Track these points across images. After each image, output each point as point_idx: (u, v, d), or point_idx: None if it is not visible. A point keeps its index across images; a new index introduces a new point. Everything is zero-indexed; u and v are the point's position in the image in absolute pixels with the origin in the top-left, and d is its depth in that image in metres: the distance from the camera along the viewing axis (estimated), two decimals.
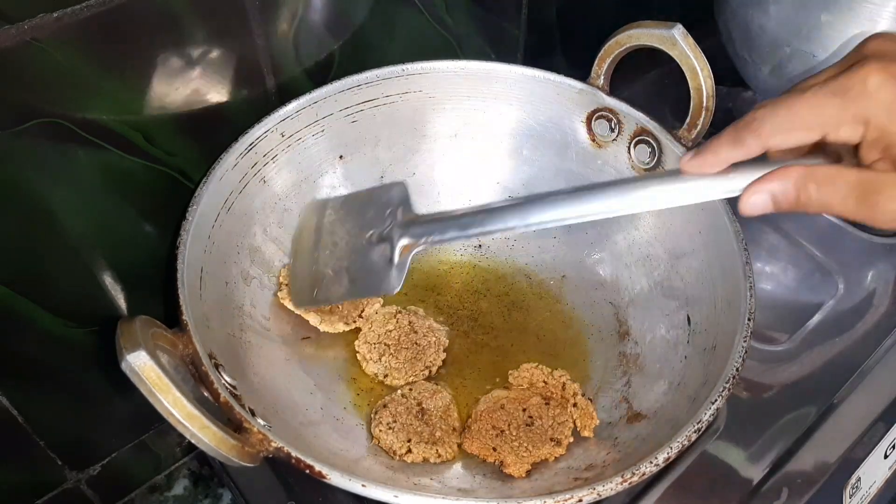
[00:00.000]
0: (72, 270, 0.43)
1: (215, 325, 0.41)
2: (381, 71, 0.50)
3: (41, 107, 0.36)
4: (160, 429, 0.55)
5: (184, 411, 0.31)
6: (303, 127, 0.49)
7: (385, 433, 0.43)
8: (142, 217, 0.45)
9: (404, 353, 0.47)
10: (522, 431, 0.44)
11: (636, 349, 0.49)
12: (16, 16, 0.33)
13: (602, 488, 0.33)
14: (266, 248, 0.48)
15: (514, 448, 0.43)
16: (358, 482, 0.32)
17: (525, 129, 0.54)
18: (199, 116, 0.44)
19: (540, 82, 0.52)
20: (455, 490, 0.41)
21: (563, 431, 0.44)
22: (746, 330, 0.39)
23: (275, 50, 0.45)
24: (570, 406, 0.45)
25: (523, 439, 0.43)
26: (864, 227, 0.60)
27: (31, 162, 0.37)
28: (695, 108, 0.48)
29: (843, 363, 0.51)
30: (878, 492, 0.50)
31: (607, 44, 0.50)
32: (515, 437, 0.43)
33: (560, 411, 0.45)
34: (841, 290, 0.56)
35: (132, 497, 0.57)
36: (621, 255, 0.52)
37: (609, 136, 0.52)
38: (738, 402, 0.49)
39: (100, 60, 0.37)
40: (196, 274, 0.40)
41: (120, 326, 0.32)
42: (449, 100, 0.53)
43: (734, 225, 0.44)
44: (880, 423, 0.49)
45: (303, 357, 0.47)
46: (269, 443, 0.33)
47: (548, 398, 0.46)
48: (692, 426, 0.35)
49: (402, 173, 0.54)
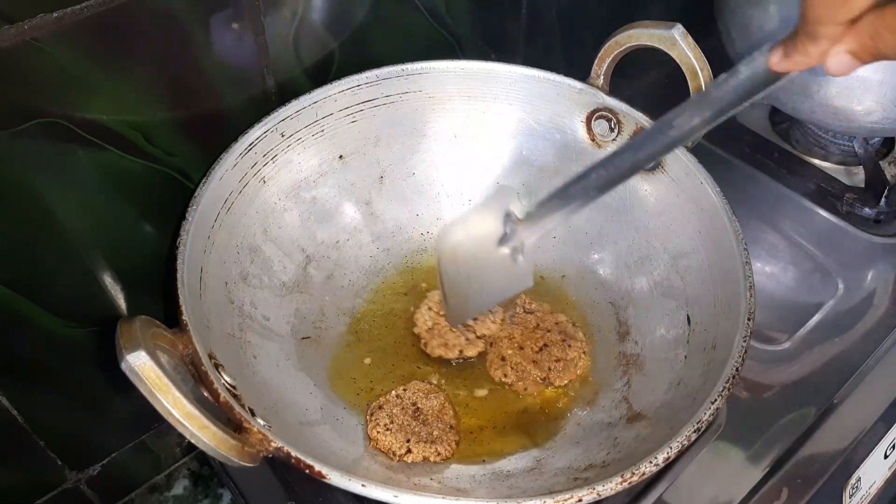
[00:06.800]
0: (72, 270, 0.43)
1: (215, 325, 0.41)
2: (381, 71, 0.50)
3: (41, 107, 0.36)
4: (160, 429, 0.55)
5: (183, 411, 0.31)
6: (303, 127, 0.49)
7: (383, 435, 0.43)
8: (142, 217, 0.45)
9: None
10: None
11: (636, 349, 0.49)
12: (16, 16, 0.33)
13: (602, 488, 0.33)
14: (266, 248, 0.48)
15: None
16: (358, 482, 0.32)
17: (525, 129, 0.54)
18: (199, 116, 0.44)
19: (540, 82, 0.52)
20: (455, 490, 0.41)
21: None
22: (746, 330, 0.39)
23: (275, 50, 0.45)
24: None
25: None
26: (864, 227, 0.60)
27: (31, 162, 0.37)
28: None
29: (843, 363, 0.51)
30: (878, 492, 0.50)
31: (607, 44, 0.50)
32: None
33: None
34: (841, 290, 0.56)
35: (132, 497, 0.57)
36: (621, 255, 0.52)
37: (609, 136, 0.52)
38: (738, 402, 0.49)
39: (100, 60, 0.37)
40: (196, 274, 0.40)
41: (120, 326, 0.32)
42: (449, 100, 0.53)
43: (734, 225, 0.44)
44: (880, 423, 0.49)
45: (303, 357, 0.47)
46: (269, 443, 0.33)
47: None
48: (692, 426, 0.35)
49: (402, 173, 0.54)
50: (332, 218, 0.52)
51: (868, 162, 0.62)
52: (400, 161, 0.54)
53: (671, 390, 0.43)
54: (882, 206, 0.61)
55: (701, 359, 0.42)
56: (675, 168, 0.48)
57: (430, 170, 0.55)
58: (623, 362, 0.48)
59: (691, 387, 0.41)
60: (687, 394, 0.41)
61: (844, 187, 0.62)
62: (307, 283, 0.50)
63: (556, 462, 0.43)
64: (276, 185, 0.49)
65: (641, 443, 0.40)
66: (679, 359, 0.45)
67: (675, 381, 0.43)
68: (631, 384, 0.47)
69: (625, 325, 0.50)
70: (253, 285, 0.47)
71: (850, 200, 0.61)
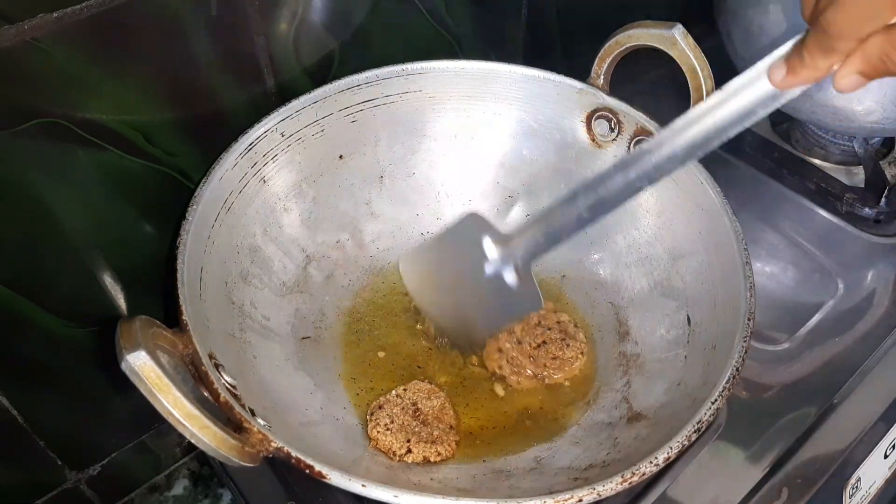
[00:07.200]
0: (72, 270, 0.43)
1: (215, 325, 0.41)
2: (381, 71, 0.50)
3: (41, 107, 0.36)
4: (160, 429, 0.55)
5: (184, 411, 0.31)
6: (303, 127, 0.49)
7: (383, 434, 0.43)
8: (142, 217, 0.45)
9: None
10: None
11: (636, 349, 0.49)
12: (16, 16, 0.33)
13: (602, 488, 0.33)
14: (266, 248, 0.48)
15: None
16: (358, 482, 0.32)
17: (525, 129, 0.54)
18: (199, 116, 0.44)
19: (540, 82, 0.52)
20: (455, 490, 0.41)
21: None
22: (746, 330, 0.39)
23: (275, 50, 0.45)
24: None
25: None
26: (864, 227, 0.60)
27: (31, 162, 0.37)
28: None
29: (843, 363, 0.51)
30: (878, 492, 0.50)
31: (607, 44, 0.50)
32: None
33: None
34: (841, 290, 0.56)
35: (132, 497, 0.57)
36: (621, 255, 0.52)
37: (609, 136, 0.52)
38: (738, 402, 0.49)
39: (100, 60, 0.37)
40: (196, 274, 0.40)
41: (120, 326, 0.32)
42: (449, 100, 0.53)
43: (734, 225, 0.44)
44: (880, 423, 0.49)
45: (303, 357, 0.47)
46: (269, 443, 0.33)
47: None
48: (692, 426, 0.35)
49: (402, 173, 0.54)
50: (333, 218, 0.52)
51: (868, 162, 0.62)
52: (400, 161, 0.54)
53: (671, 390, 0.43)
54: (882, 206, 0.61)
55: (701, 359, 0.42)
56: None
57: (430, 170, 0.55)
58: (623, 362, 0.48)
59: (691, 387, 0.41)
60: (687, 394, 0.41)
61: (844, 187, 0.62)
62: (307, 283, 0.50)
63: (556, 462, 0.43)
64: (276, 185, 0.49)
65: (641, 443, 0.40)
66: (679, 359, 0.45)
67: (675, 381, 0.43)
68: (631, 384, 0.47)
69: (625, 325, 0.50)
70: (253, 285, 0.47)
71: (850, 200, 0.61)
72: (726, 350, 0.39)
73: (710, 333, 0.43)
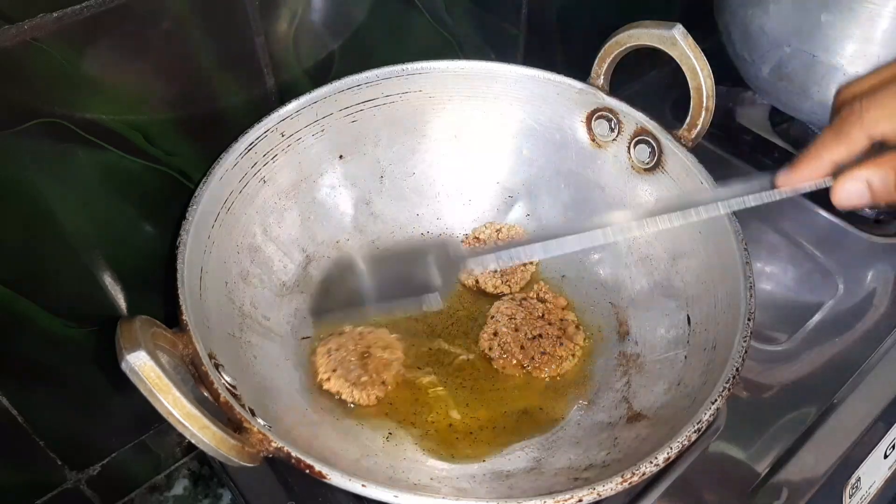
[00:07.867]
0: (72, 270, 0.43)
1: (215, 325, 0.41)
2: (381, 71, 0.50)
3: (41, 107, 0.36)
4: (160, 429, 0.55)
5: (184, 411, 0.31)
6: (303, 127, 0.49)
7: (322, 357, 0.45)
8: (142, 217, 0.45)
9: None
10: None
11: (636, 349, 0.49)
12: (16, 16, 0.33)
13: (602, 488, 0.33)
14: (266, 248, 0.48)
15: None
16: (358, 482, 0.32)
17: (525, 129, 0.54)
18: (199, 116, 0.44)
19: (540, 82, 0.52)
20: (455, 490, 0.41)
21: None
22: (746, 330, 0.39)
23: (275, 50, 0.45)
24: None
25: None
26: (864, 227, 0.60)
27: (31, 162, 0.37)
28: (695, 108, 0.48)
29: (843, 363, 0.51)
30: (878, 492, 0.50)
31: (607, 44, 0.50)
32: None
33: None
34: (841, 290, 0.56)
35: (132, 497, 0.57)
36: (621, 255, 0.52)
37: (609, 136, 0.52)
38: (738, 402, 0.49)
39: (100, 60, 0.37)
40: (196, 274, 0.40)
41: (120, 326, 0.32)
42: (449, 100, 0.53)
43: (734, 225, 0.44)
44: (880, 423, 0.49)
45: (303, 357, 0.47)
46: (269, 443, 0.33)
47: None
48: (692, 426, 0.35)
49: (402, 173, 0.54)
50: (332, 218, 0.52)
51: None
52: (400, 161, 0.54)
53: (671, 390, 0.43)
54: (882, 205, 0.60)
55: (701, 359, 0.42)
56: (675, 168, 0.48)
57: (430, 170, 0.55)
58: (623, 362, 0.48)
59: (691, 387, 0.41)
60: (687, 394, 0.41)
61: None
62: (307, 283, 0.50)
63: (556, 462, 0.43)
64: (276, 185, 0.49)
65: (641, 443, 0.40)
66: (679, 359, 0.45)
67: (675, 381, 0.43)
68: (631, 384, 0.47)
69: (625, 325, 0.50)
70: (253, 285, 0.47)
71: None
72: (726, 350, 0.39)
73: (710, 333, 0.43)
